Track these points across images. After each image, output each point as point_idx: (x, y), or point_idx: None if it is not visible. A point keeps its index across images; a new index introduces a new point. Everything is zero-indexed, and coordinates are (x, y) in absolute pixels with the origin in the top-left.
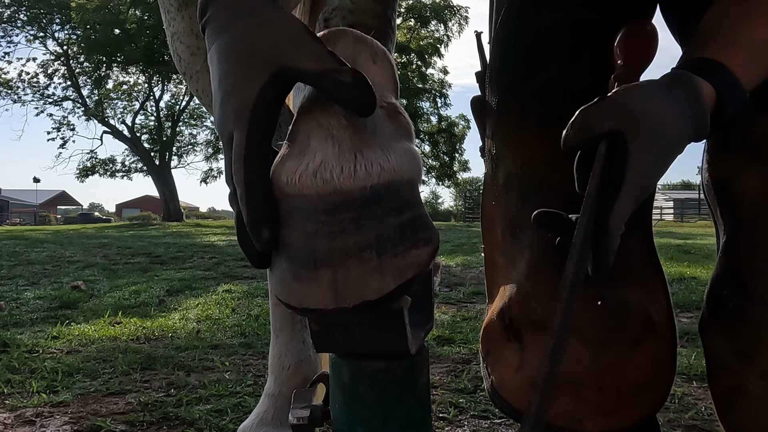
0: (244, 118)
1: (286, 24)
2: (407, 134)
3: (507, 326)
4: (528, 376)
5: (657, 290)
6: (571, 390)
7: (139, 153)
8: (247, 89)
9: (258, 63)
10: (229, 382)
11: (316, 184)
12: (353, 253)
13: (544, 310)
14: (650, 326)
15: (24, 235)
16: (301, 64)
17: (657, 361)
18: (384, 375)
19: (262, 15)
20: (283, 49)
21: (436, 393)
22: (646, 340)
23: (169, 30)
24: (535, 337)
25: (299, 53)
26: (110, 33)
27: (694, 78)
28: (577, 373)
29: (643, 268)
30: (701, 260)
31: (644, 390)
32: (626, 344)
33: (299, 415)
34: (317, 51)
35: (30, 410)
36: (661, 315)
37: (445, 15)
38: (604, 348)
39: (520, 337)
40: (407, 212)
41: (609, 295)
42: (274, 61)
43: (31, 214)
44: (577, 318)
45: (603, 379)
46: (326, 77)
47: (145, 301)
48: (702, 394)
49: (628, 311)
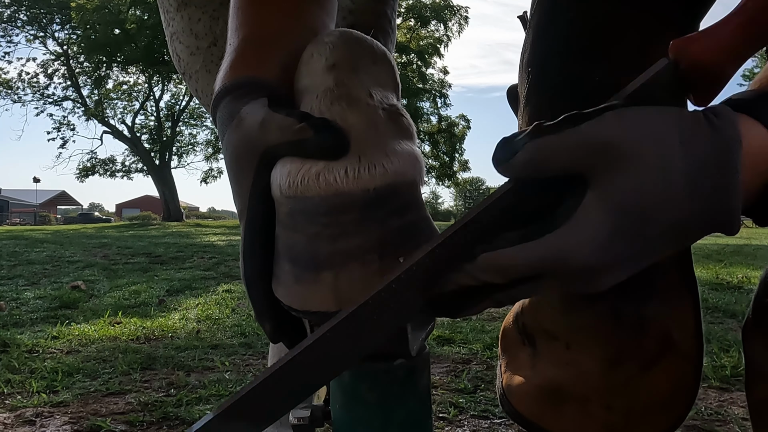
0: (244, 217)
1: (254, 114)
2: (409, 135)
3: (521, 330)
4: (537, 384)
5: (684, 309)
6: (578, 404)
7: (139, 153)
8: (243, 190)
9: (243, 162)
10: (229, 382)
11: (319, 186)
12: (355, 255)
13: (554, 321)
14: (669, 345)
15: (24, 235)
16: (270, 143)
17: (674, 383)
18: (385, 376)
19: (239, 116)
20: (255, 138)
21: (436, 393)
22: (663, 360)
23: (168, 30)
24: (548, 345)
25: (267, 134)
26: (110, 33)
27: (733, 115)
28: (585, 388)
29: (671, 285)
30: (701, 260)
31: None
32: (639, 363)
33: (299, 415)
34: (279, 123)
35: (30, 410)
36: (685, 335)
37: (445, 15)
38: (614, 365)
39: (534, 342)
40: (410, 214)
41: (625, 309)
42: (254, 152)
43: (31, 214)
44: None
45: (611, 398)
46: (292, 143)
47: (145, 301)
48: (702, 394)
49: (645, 328)
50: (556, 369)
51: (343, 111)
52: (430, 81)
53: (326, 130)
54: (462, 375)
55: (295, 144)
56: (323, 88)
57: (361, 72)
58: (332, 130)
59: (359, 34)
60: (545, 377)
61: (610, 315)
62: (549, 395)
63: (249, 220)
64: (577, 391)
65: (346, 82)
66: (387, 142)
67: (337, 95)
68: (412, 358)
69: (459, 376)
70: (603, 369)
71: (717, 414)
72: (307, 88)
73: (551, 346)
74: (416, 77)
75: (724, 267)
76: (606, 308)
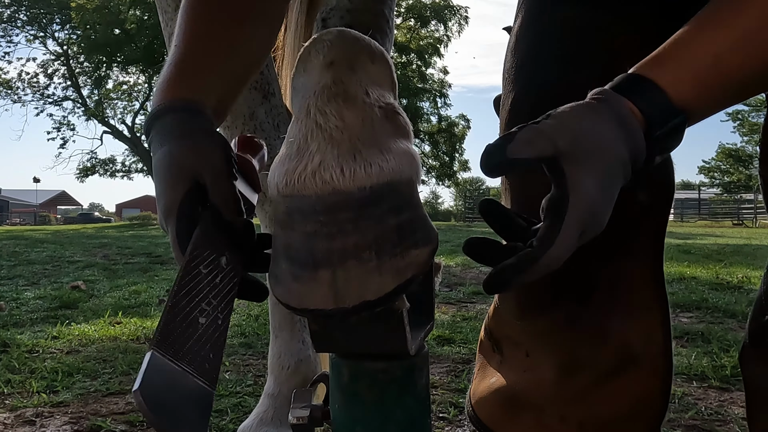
0: (173, 215)
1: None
2: (405, 134)
3: (490, 337)
4: (498, 390)
5: (652, 324)
6: (533, 413)
7: (139, 153)
8: (175, 192)
9: (182, 174)
10: (229, 382)
11: (315, 184)
12: (352, 253)
13: (513, 328)
14: (630, 359)
15: (24, 235)
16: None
17: (636, 398)
18: (383, 375)
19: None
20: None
21: (436, 393)
22: (623, 373)
23: (167, 30)
24: (512, 352)
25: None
26: (110, 33)
27: (616, 96)
28: (540, 397)
29: (639, 297)
30: (701, 260)
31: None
32: (596, 374)
33: (299, 415)
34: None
35: (30, 410)
36: (652, 351)
37: (445, 15)
38: (569, 374)
39: (501, 349)
40: (406, 212)
41: (585, 317)
42: (193, 176)
43: (31, 214)
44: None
45: (566, 408)
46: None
47: (145, 301)
48: (702, 394)
49: (605, 339)
50: (515, 376)
51: (339, 108)
52: (430, 81)
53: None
54: (462, 375)
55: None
56: (321, 85)
57: (359, 70)
58: (246, 225)
59: (357, 33)
60: (506, 384)
61: (566, 322)
62: (507, 402)
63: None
64: (533, 399)
65: (344, 80)
66: (383, 140)
67: (334, 92)
68: (411, 358)
69: (459, 376)
70: (557, 377)
71: (717, 414)
72: (305, 84)
73: (514, 353)
74: (416, 77)
75: (724, 267)
76: (561, 315)
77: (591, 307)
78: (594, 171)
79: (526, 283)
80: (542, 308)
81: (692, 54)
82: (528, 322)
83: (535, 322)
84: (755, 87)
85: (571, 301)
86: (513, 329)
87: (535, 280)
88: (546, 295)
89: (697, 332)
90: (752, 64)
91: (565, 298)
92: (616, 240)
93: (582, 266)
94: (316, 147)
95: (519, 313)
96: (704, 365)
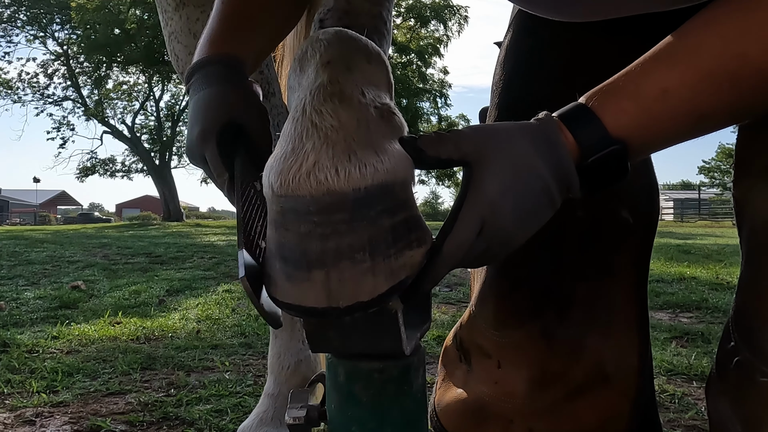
0: (211, 140)
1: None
2: (401, 134)
3: (459, 346)
4: (465, 400)
5: (629, 346)
6: (501, 425)
7: (139, 153)
8: (215, 121)
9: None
10: (229, 382)
11: (310, 184)
12: (346, 254)
13: (487, 338)
14: (601, 378)
15: (24, 235)
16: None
17: (603, 418)
18: (379, 375)
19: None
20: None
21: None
22: (591, 391)
23: (167, 30)
24: (481, 363)
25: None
26: (110, 33)
27: (551, 119)
28: (509, 409)
29: (618, 317)
30: (701, 260)
31: None
32: (566, 389)
33: (295, 415)
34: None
35: (30, 410)
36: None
37: (445, 15)
38: (540, 387)
39: (470, 359)
40: (400, 213)
41: (561, 332)
42: (231, 111)
43: (31, 214)
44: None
45: (534, 421)
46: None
47: (145, 301)
48: (702, 395)
49: (578, 356)
50: (484, 387)
51: (335, 108)
52: (430, 81)
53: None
54: None
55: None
56: (317, 84)
57: (355, 70)
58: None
59: (354, 33)
60: (473, 394)
61: (542, 335)
62: (474, 413)
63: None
64: (502, 411)
65: (340, 80)
66: (378, 140)
67: (330, 92)
68: (407, 357)
69: None
70: (528, 390)
71: None
72: (301, 83)
73: (484, 363)
74: (416, 77)
75: (724, 267)
76: (537, 328)
77: (568, 323)
78: (498, 173)
79: (436, 279)
80: (521, 320)
81: (639, 85)
82: (505, 333)
83: (512, 333)
84: (716, 121)
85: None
86: (486, 339)
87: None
88: (526, 308)
89: (697, 332)
90: (706, 101)
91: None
92: (594, 256)
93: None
94: (311, 146)
95: (496, 323)
96: (704, 365)
